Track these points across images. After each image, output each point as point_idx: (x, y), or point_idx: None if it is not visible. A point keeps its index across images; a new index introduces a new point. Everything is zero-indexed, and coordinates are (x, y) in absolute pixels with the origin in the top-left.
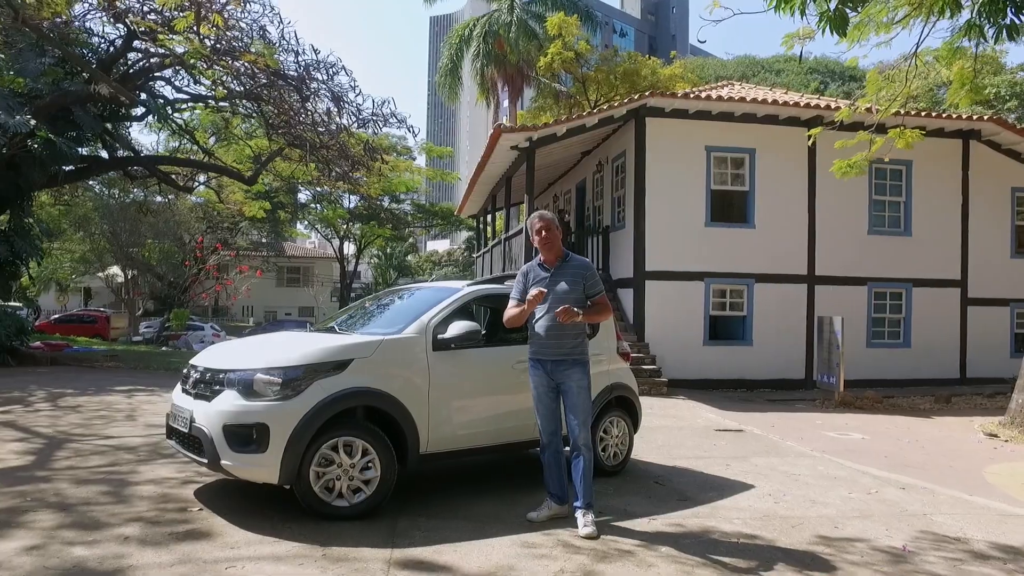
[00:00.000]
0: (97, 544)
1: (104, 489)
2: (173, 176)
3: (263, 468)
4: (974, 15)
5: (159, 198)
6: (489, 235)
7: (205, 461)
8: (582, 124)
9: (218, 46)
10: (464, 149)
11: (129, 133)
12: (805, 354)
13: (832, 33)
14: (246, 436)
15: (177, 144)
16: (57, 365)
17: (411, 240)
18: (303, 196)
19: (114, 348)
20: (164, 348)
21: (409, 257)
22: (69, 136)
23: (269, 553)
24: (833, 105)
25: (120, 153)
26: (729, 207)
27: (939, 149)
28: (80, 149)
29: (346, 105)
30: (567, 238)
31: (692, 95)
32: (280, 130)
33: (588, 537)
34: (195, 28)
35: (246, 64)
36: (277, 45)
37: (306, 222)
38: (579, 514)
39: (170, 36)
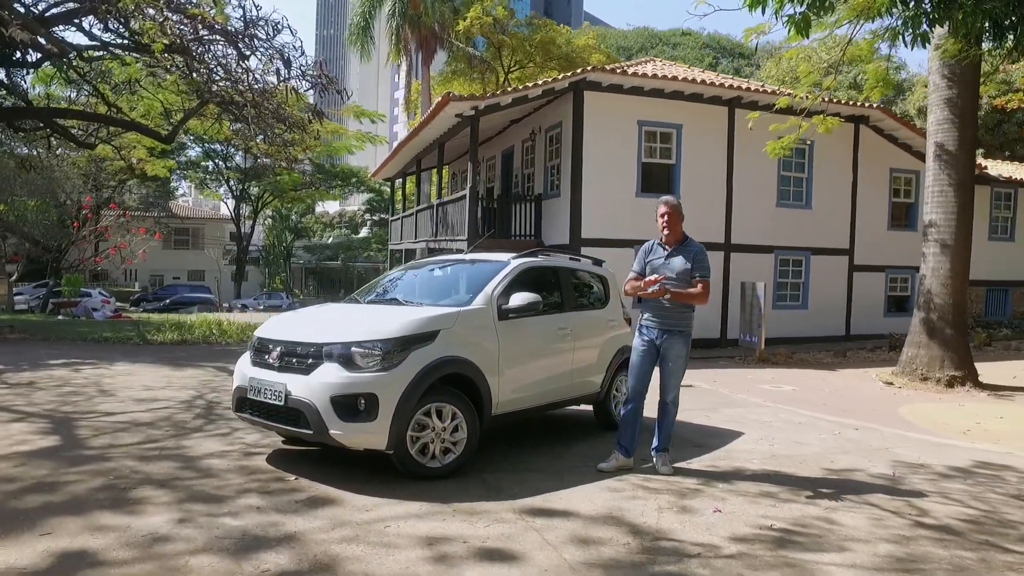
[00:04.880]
0: (239, 515)
1: (177, 465)
2: (72, 130)
3: (372, 436)
4: (898, 23)
5: (37, 152)
6: (402, 197)
7: (309, 432)
8: (525, 95)
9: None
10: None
11: (25, 81)
12: (720, 315)
13: (798, 34)
14: (354, 406)
15: (74, 95)
16: None
17: (309, 202)
18: (192, 152)
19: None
20: (59, 317)
21: (303, 218)
22: None
23: (405, 512)
24: (753, 87)
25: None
26: (658, 179)
27: (836, 131)
28: None
29: (292, 67)
30: (489, 206)
31: (630, 71)
32: (212, 88)
33: (667, 475)
34: None
35: (201, 19)
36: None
37: (195, 182)
38: (656, 455)
39: None
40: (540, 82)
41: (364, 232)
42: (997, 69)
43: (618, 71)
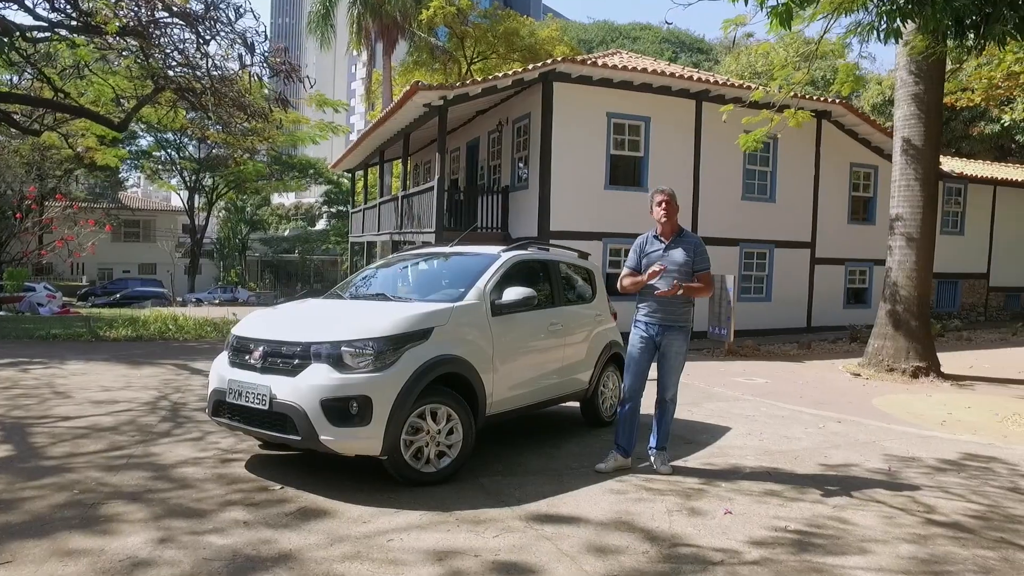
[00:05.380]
0: (226, 532)
1: (148, 475)
2: (14, 115)
3: (365, 441)
4: (874, 17)
5: None
6: (363, 189)
7: (297, 438)
8: (495, 85)
9: None
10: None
11: None
12: None
13: (780, 25)
14: (345, 410)
15: (15, 79)
16: None
17: (264, 193)
18: (144, 141)
19: None
20: (2, 313)
21: (259, 211)
22: None
23: (406, 523)
24: (721, 81)
25: None
26: (625, 172)
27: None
28: None
29: (256, 53)
30: (456, 198)
31: (600, 63)
32: (168, 74)
33: (667, 474)
34: None
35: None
36: None
37: (147, 172)
38: (655, 454)
39: None
40: (510, 72)
41: (322, 224)
42: (960, 67)
43: (587, 62)
